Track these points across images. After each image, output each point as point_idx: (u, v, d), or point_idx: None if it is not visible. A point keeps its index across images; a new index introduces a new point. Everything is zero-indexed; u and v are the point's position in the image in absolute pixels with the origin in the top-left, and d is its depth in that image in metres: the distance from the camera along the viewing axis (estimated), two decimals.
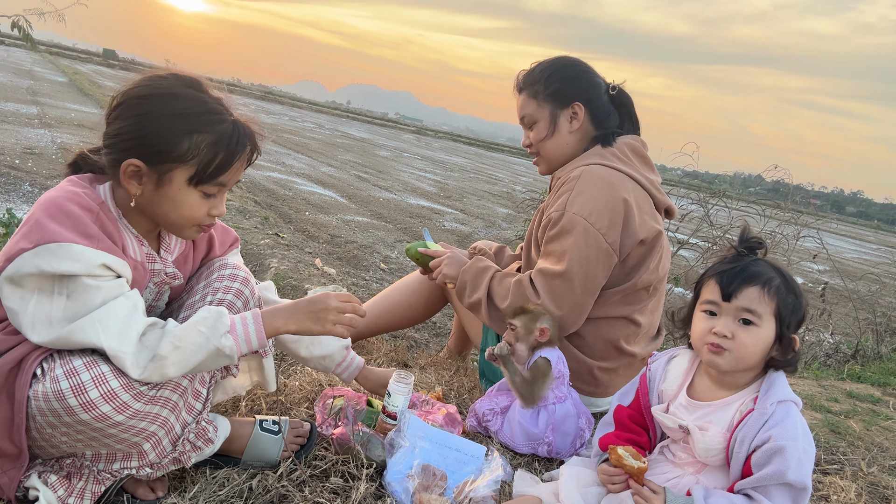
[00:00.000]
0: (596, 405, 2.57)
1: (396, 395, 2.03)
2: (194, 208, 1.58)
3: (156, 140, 1.49)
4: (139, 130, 1.50)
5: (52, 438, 1.44)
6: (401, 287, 2.97)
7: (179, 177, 1.53)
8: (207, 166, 1.53)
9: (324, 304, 1.67)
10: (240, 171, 1.62)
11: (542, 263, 2.36)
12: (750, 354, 1.63)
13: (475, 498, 1.80)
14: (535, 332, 2.24)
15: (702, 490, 1.62)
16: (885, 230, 67.11)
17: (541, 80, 2.50)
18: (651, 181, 2.48)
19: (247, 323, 1.57)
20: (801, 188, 7.36)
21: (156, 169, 1.51)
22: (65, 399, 1.35)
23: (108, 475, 1.54)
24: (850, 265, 13.38)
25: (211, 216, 1.62)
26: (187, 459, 1.62)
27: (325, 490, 1.77)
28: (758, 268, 1.66)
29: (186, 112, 1.51)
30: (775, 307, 1.62)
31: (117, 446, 1.47)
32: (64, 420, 1.37)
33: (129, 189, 1.53)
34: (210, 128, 1.52)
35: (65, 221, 1.41)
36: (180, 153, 1.50)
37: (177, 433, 1.58)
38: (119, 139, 1.52)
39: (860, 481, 2.59)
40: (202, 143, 1.51)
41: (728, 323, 1.64)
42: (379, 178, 13.18)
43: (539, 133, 2.53)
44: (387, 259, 5.78)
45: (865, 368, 4.97)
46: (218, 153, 1.53)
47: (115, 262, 1.45)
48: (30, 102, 12.33)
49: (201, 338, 1.47)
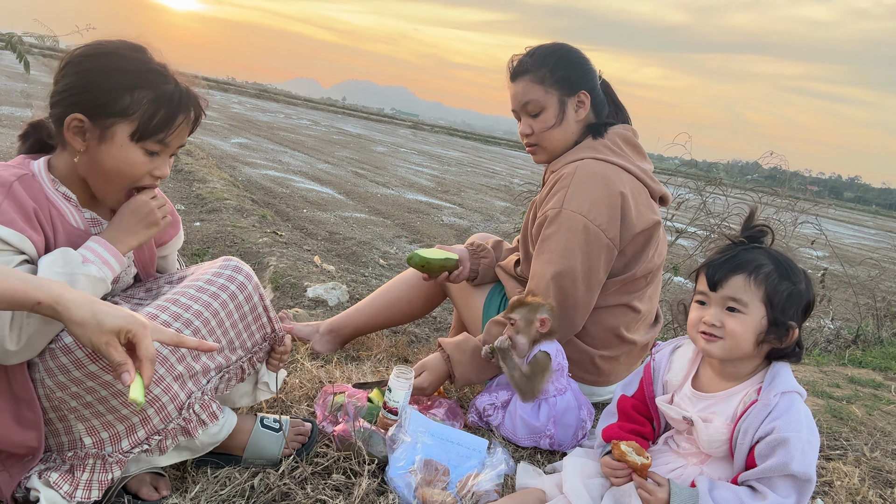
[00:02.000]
0: (598, 394, 2.57)
1: (397, 390, 2.02)
2: (136, 165, 1.60)
3: (98, 94, 1.53)
4: (83, 85, 1.54)
5: (62, 405, 1.44)
6: (399, 283, 2.95)
7: (121, 132, 1.55)
8: (149, 121, 1.56)
9: (146, 207, 1.68)
10: (183, 135, 1.65)
11: (542, 263, 2.32)
12: (741, 341, 1.64)
13: (478, 492, 1.79)
14: (535, 323, 2.22)
15: (706, 482, 1.61)
16: (883, 215, 67.15)
17: (546, 66, 2.39)
18: (644, 170, 2.46)
19: (94, 249, 1.58)
20: (798, 175, 7.35)
21: (98, 123, 1.54)
22: (72, 352, 1.38)
23: (119, 456, 1.52)
24: (849, 251, 13.38)
25: (153, 176, 1.65)
26: (194, 429, 1.60)
27: (328, 487, 1.77)
28: (747, 256, 1.66)
29: (129, 69, 1.56)
30: (763, 294, 1.62)
31: (123, 411, 1.47)
32: (74, 376, 1.39)
33: (73, 145, 1.56)
34: (151, 85, 1.56)
35: None
36: (122, 107, 1.53)
37: (181, 400, 1.56)
38: (64, 95, 1.55)
39: (863, 466, 2.59)
40: (143, 98, 1.55)
41: (716, 312, 1.66)
42: (376, 174, 13.15)
43: (546, 121, 2.42)
44: (386, 255, 5.77)
45: (866, 353, 4.97)
46: (159, 109, 1.56)
47: (9, 235, 1.44)
48: (24, 105, 12.30)
49: (64, 276, 1.46)
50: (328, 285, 3.78)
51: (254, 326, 1.76)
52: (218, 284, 1.66)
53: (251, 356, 1.77)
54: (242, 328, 1.72)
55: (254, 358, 1.78)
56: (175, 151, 1.67)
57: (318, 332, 2.87)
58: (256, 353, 1.79)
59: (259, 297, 1.76)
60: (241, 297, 1.70)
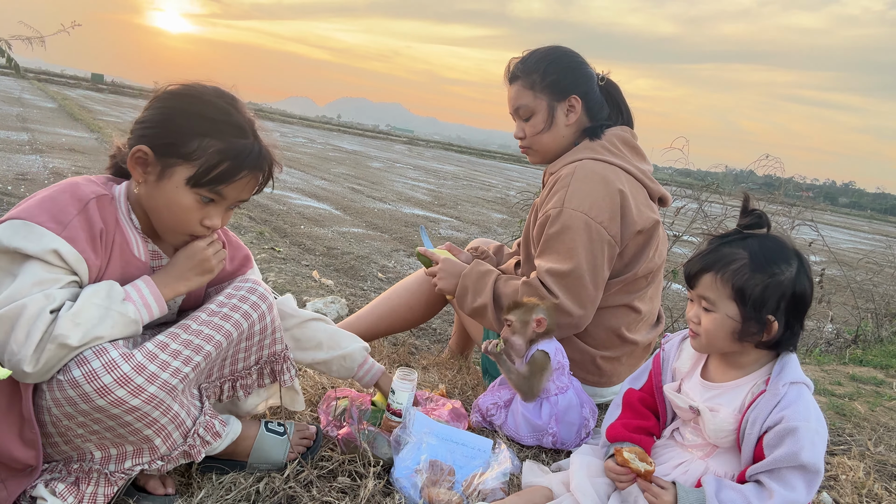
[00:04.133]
0: (600, 395, 2.57)
1: (401, 392, 2.02)
2: (187, 211, 1.58)
3: (169, 133, 1.53)
4: (160, 121, 1.56)
5: (68, 432, 1.44)
6: (399, 289, 2.96)
7: (180, 174, 1.54)
8: (208, 170, 1.54)
9: (201, 254, 1.67)
10: (245, 191, 1.63)
11: (547, 262, 2.32)
12: (713, 338, 1.67)
13: (484, 490, 1.79)
14: (531, 323, 2.22)
15: (713, 482, 1.60)
16: (878, 219, 67.30)
17: (537, 70, 2.44)
18: (643, 171, 2.48)
19: (140, 289, 1.56)
20: (792, 181, 7.37)
21: (161, 161, 1.54)
22: (80, 386, 1.36)
23: (120, 475, 1.53)
24: (845, 255, 13.40)
25: (203, 226, 1.62)
26: (197, 453, 1.61)
27: (333, 489, 1.77)
28: (722, 252, 1.66)
29: (208, 116, 1.55)
30: (730, 290, 1.62)
31: (131, 438, 1.47)
32: (81, 408, 1.38)
33: (133, 175, 1.56)
34: (224, 136, 1.55)
35: (44, 204, 1.44)
36: (187, 151, 1.52)
37: (187, 426, 1.57)
38: (141, 126, 1.58)
39: (868, 460, 2.59)
40: (210, 147, 1.53)
41: (696, 309, 1.71)
42: (373, 189, 13.19)
43: (535, 126, 2.48)
44: (384, 268, 5.77)
45: (867, 352, 4.98)
46: (223, 161, 1.54)
47: (68, 252, 1.42)
48: (20, 129, 12.32)
49: (100, 310, 1.44)
50: (327, 299, 3.79)
51: (254, 349, 1.78)
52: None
53: (235, 379, 1.79)
54: (244, 348, 1.74)
55: (237, 383, 1.79)
56: (234, 205, 1.66)
57: None
58: (242, 377, 1.80)
59: (271, 319, 1.77)
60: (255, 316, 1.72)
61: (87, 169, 8.37)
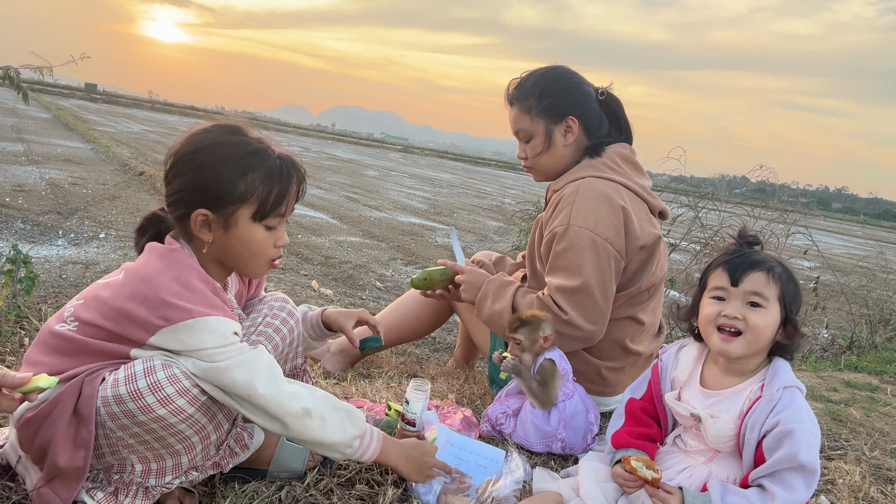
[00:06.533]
0: (605, 404, 2.64)
1: (415, 402, 2.08)
2: (262, 243, 1.68)
3: (214, 187, 1.60)
4: (198, 182, 1.60)
5: (118, 443, 1.50)
6: (407, 299, 3.02)
7: (244, 216, 1.63)
8: (267, 200, 1.63)
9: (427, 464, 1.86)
10: (293, 201, 1.72)
11: (557, 280, 2.38)
12: (761, 335, 1.71)
13: (497, 497, 1.85)
14: (538, 341, 2.30)
15: (719, 486, 1.67)
16: (872, 224, 67.66)
17: (533, 95, 2.51)
18: (643, 187, 2.55)
19: (372, 439, 1.74)
20: (786, 187, 7.47)
21: (221, 214, 1.61)
22: (143, 398, 1.43)
23: (161, 488, 1.59)
24: (839, 260, 13.51)
25: (277, 248, 1.73)
26: (226, 464, 1.69)
27: (353, 497, 1.82)
28: (761, 256, 1.77)
29: (234, 155, 1.62)
30: (779, 292, 1.72)
31: (176, 446, 1.53)
32: (138, 420, 1.45)
33: (201, 238, 1.63)
34: (259, 165, 1.62)
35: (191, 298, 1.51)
36: (240, 194, 1.60)
37: (222, 437, 1.66)
38: (182, 195, 1.62)
39: (864, 465, 2.66)
40: (256, 180, 1.61)
41: (737, 306, 1.73)
42: (369, 197, 13.23)
43: (535, 148, 2.56)
44: (382, 277, 5.82)
45: (861, 358, 5.05)
46: (273, 186, 1.63)
47: (238, 327, 1.58)
48: (15, 140, 12.33)
49: (341, 426, 1.66)
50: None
51: (279, 361, 1.91)
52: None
53: None
54: None
55: None
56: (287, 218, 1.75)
57: (329, 352, 2.93)
58: None
59: (298, 333, 1.99)
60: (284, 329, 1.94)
61: (83, 180, 8.40)
